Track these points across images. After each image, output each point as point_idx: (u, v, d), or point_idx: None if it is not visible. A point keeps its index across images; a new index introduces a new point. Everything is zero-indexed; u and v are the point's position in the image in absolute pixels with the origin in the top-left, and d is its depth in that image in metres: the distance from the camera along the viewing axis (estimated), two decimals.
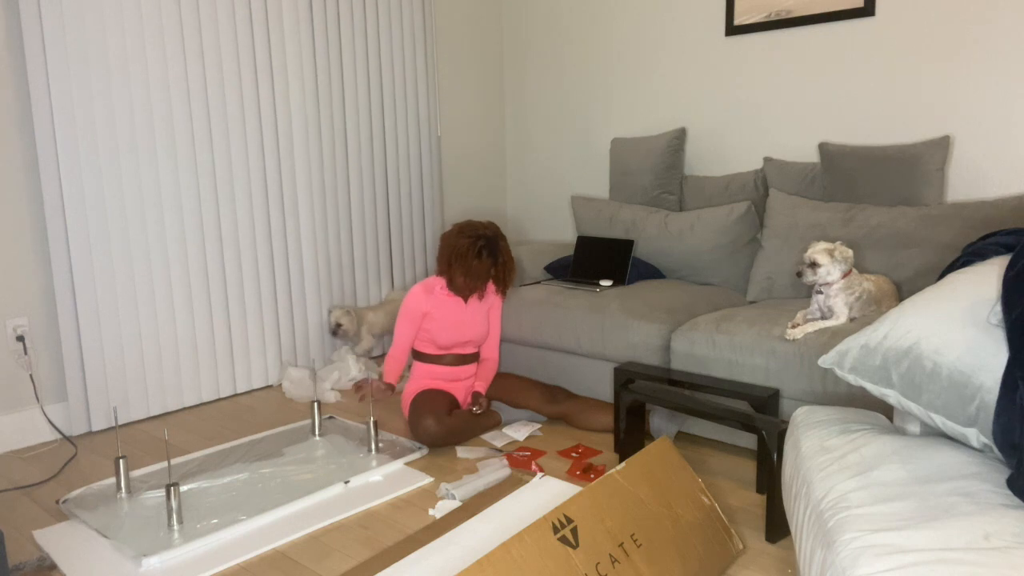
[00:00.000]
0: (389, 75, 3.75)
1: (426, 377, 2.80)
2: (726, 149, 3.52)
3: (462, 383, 2.84)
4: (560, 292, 3.07)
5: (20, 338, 2.74)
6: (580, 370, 2.93)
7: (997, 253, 1.63)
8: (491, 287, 2.87)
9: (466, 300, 2.79)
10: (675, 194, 3.49)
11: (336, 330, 3.49)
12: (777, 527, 1.97)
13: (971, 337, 1.36)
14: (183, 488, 2.32)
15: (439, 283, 2.78)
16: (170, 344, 3.06)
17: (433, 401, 2.66)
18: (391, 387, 2.74)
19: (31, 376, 2.79)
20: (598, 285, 3.16)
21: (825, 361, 1.59)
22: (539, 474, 2.32)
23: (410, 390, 2.80)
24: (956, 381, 1.35)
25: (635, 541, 1.65)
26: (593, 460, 2.50)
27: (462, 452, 2.59)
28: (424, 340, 2.79)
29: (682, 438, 2.69)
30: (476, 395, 2.75)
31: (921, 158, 2.77)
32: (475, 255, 2.67)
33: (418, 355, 2.83)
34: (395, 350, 2.77)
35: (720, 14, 3.45)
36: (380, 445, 2.64)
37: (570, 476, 2.38)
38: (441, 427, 2.57)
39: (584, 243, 3.43)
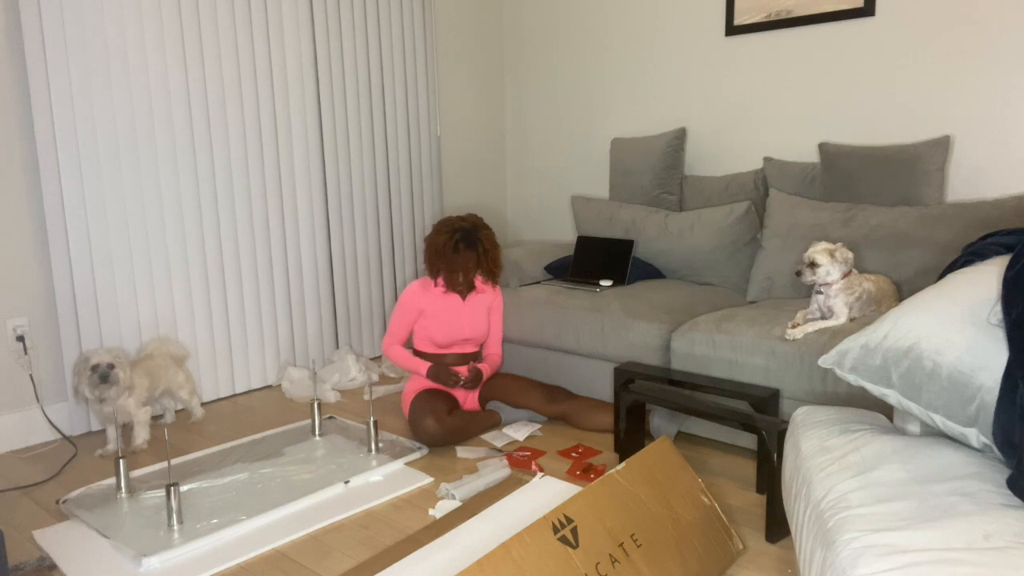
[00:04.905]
0: (389, 75, 3.75)
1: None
2: (726, 149, 3.52)
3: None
4: (560, 292, 3.07)
5: (20, 338, 2.74)
6: (580, 370, 2.93)
7: (997, 253, 1.63)
8: (484, 285, 2.85)
9: (464, 297, 2.79)
10: (675, 194, 3.48)
11: (108, 374, 2.55)
12: (777, 527, 1.97)
13: (971, 337, 1.36)
14: (183, 488, 2.32)
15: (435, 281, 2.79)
16: None
17: (433, 401, 2.66)
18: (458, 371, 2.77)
19: (31, 376, 2.79)
20: (598, 285, 3.16)
21: (825, 361, 1.59)
22: (539, 474, 2.32)
23: (410, 390, 2.80)
24: (956, 381, 1.35)
25: (635, 541, 1.65)
26: (593, 460, 2.50)
27: (462, 452, 2.59)
28: (423, 339, 2.79)
29: (682, 438, 2.69)
30: (477, 370, 2.77)
31: (921, 158, 2.77)
32: (452, 249, 2.68)
33: (419, 355, 2.83)
34: (391, 337, 2.80)
35: (720, 14, 3.45)
36: (380, 445, 2.64)
37: (570, 476, 2.38)
38: (441, 427, 2.57)
39: (584, 243, 3.43)
